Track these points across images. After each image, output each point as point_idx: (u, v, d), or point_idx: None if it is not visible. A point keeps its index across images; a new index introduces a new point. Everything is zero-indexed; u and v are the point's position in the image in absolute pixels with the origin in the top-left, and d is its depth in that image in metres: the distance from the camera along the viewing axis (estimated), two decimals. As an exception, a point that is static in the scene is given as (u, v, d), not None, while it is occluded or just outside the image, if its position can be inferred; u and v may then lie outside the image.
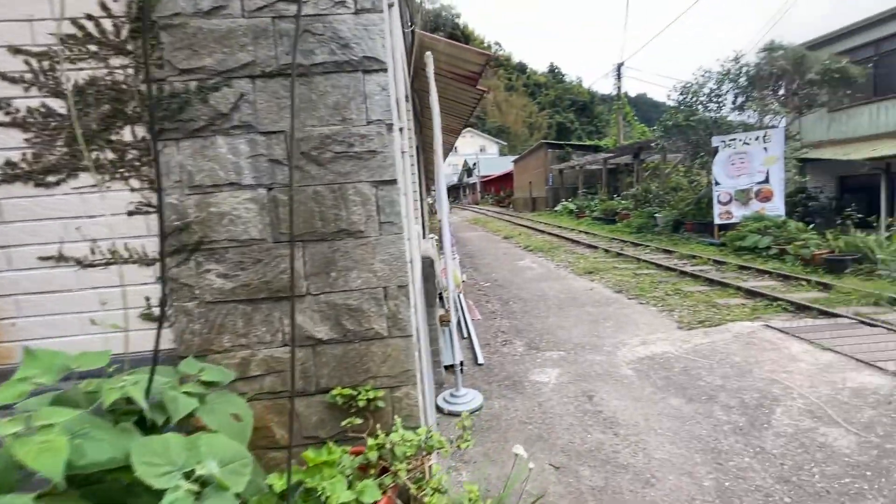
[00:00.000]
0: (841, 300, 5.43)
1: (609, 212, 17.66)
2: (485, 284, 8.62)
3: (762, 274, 7.29)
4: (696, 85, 11.70)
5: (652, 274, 8.09)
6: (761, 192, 10.07)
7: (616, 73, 23.24)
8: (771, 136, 9.87)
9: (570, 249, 12.07)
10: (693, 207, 12.13)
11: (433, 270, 4.03)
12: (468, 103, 6.63)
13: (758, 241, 8.76)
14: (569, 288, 7.76)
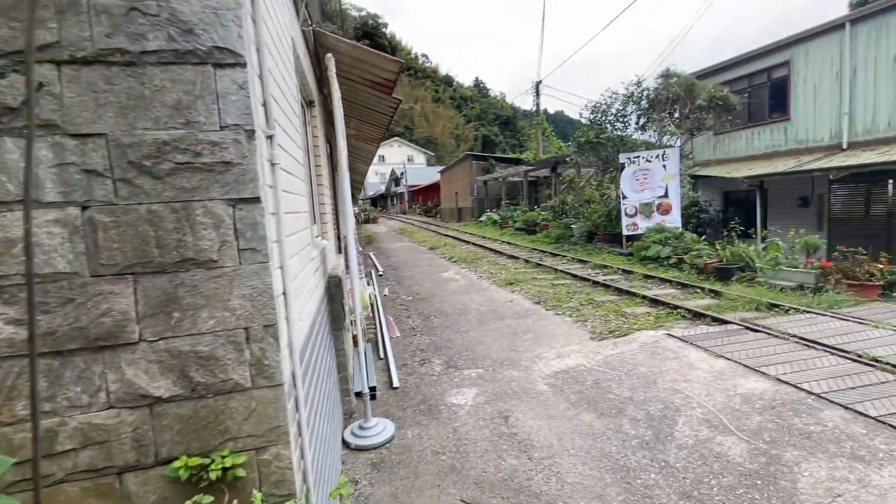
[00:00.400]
0: (729, 306, 5.95)
1: (530, 223, 18.33)
2: (406, 298, 8.37)
3: (664, 283, 7.85)
4: (605, 105, 12.55)
5: (568, 284, 8.38)
6: (662, 205, 10.96)
7: (535, 90, 24.41)
8: (668, 155, 10.81)
9: (493, 260, 12.24)
10: (604, 219, 12.93)
11: (340, 290, 3.70)
12: (385, 112, 6.39)
13: (660, 252, 9.47)
14: (490, 300, 7.77)
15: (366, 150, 10.59)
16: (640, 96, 12.08)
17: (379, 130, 7.82)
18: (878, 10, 12.38)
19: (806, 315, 5.19)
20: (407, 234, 24.07)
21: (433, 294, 8.59)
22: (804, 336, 4.40)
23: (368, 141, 9.14)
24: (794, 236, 7.29)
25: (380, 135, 8.19)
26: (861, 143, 13.05)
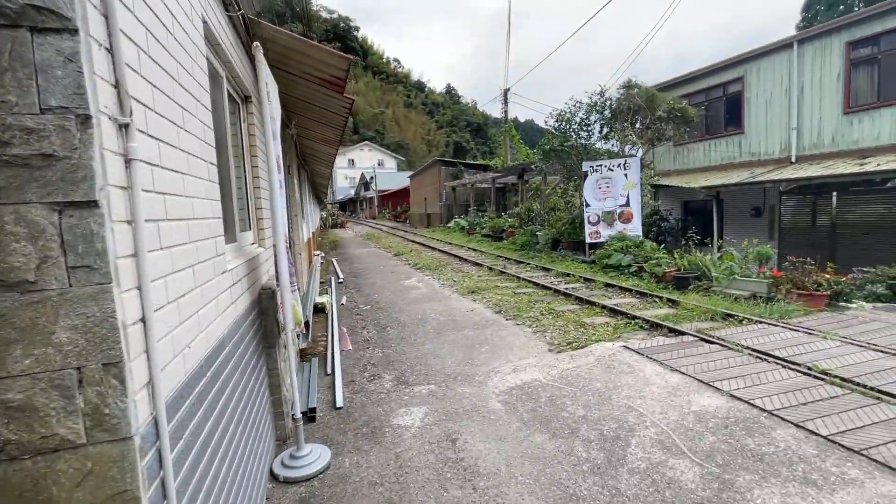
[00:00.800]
0: (686, 316, 5.94)
1: (497, 229, 18.30)
2: (364, 308, 8.02)
3: (624, 291, 7.84)
4: (569, 113, 12.63)
5: (530, 293, 8.25)
6: (623, 214, 11.07)
7: (503, 98, 24.55)
8: (630, 164, 10.95)
9: (458, 267, 12.04)
10: (568, 227, 12.98)
11: (273, 303, 3.36)
12: (339, 112, 6.07)
13: (621, 260, 9.51)
14: (450, 309, 7.53)
15: (325, 153, 10.19)
16: (604, 106, 12.23)
17: (335, 132, 7.48)
18: (823, 31, 13.04)
19: (759, 326, 5.21)
20: (374, 239, 23.61)
21: (392, 303, 8.27)
22: (757, 348, 4.37)
23: (326, 143, 8.77)
24: (748, 246, 7.43)
25: (336, 136, 7.85)
26: (808, 156, 13.67)
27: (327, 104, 5.86)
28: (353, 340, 6.11)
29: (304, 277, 7.81)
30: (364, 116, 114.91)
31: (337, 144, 8.71)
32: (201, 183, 2.06)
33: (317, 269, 12.52)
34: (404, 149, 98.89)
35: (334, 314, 7.31)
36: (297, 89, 5.52)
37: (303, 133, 8.50)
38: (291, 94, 5.83)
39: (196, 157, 2.01)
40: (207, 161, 2.23)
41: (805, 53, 13.70)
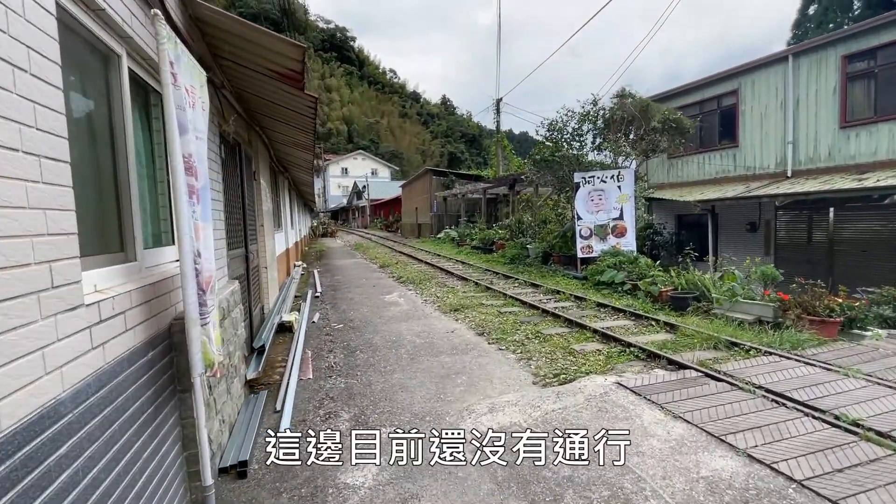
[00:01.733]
0: (686, 344, 5.35)
1: (487, 241, 17.73)
2: (336, 327, 7.35)
3: (617, 312, 7.25)
4: (561, 122, 12.17)
5: (516, 312, 7.63)
6: (617, 227, 10.55)
7: (495, 108, 24.19)
8: (623, 176, 10.46)
9: (443, 281, 11.41)
10: (560, 240, 12.44)
11: (185, 338, 2.71)
12: (304, 112, 5.48)
13: (614, 277, 8.95)
14: (430, 330, 6.89)
15: (302, 159, 9.60)
16: (596, 115, 11.78)
17: (306, 135, 6.89)
18: (819, 44, 12.76)
19: (769, 358, 4.62)
20: (361, 249, 22.95)
21: (368, 321, 7.62)
22: (771, 388, 3.78)
23: (300, 147, 8.18)
24: (750, 265, 6.90)
25: (309, 140, 7.26)
26: (804, 171, 13.30)
27: (291, 103, 5.27)
28: (316, 367, 5.45)
29: (268, 295, 7.14)
30: (359, 125, 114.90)
31: (312, 149, 8.12)
32: (33, 189, 1.44)
33: (294, 281, 11.84)
34: (399, 158, 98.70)
35: (301, 334, 6.65)
36: (253, 85, 4.93)
37: (274, 137, 7.91)
38: (249, 91, 5.24)
39: (14, 151, 1.39)
40: (52, 158, 1.61)
41: (800, 67, 13.40)
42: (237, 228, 5.30)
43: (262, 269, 6.94)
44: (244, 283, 5.53)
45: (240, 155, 5.61)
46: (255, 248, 6.69)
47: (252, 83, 4.91)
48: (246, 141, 6.35)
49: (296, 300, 9.79)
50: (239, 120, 5.70)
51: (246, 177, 6.13)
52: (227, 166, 4.98)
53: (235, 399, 3.93)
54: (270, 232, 8.21)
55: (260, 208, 6.98)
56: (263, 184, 7.63)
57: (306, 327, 7.35)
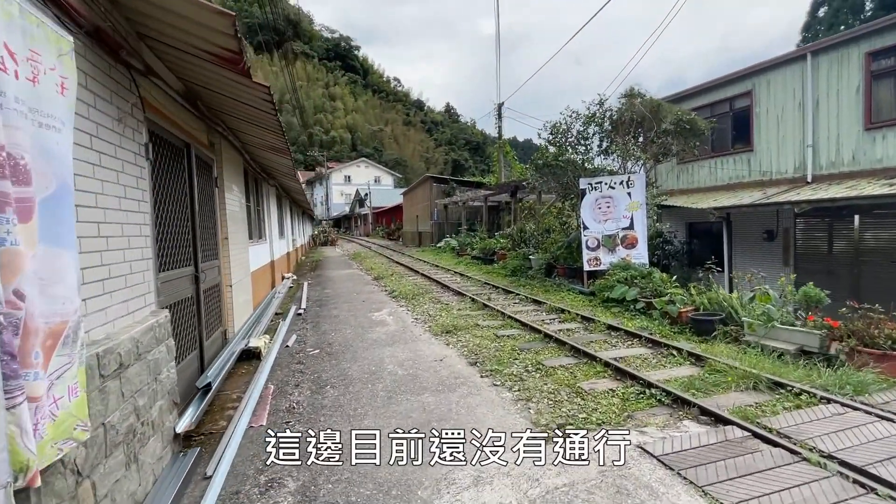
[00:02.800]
0: (717, 382, 4.42)
1: (487, 251, 16.87)
2: (311, 353, 6.49)
3: (631, 337, 6.32)
4: (565, 125, 11.34)
5: (515, 336, 6.73)
6: (627, 238, 9.65)
7: (497, 112, 23.45)
8: (634, 182, 9.58)
9: (438, 296, 10.54)
10: (564, 251, 11.55)
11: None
12: (262, 108, 4.68)
13: (625, 293, 8.04)
14: (416, 357, 6.02)
15: (282, 164, 8.81)
16: (603, 117, 10.94)
17: (276, 136, 6.09)
18: (840, 41, 11.89)
19: (830, 408, 3.67)
20: (359, 259, 22.14)
21: (348, 345, 6.76)
22: (848, 460, 2.81)
23: (275, 151, 7.38)
24: (786, 283, 5.98)
25: (281, 142, 6.46)
26: (825, 176, 12.36)
27: (244, 96, 4.47)
28: (274, 408, 4.58)
29: (232, 317, 6.29)
30: (363, 133, 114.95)
31: (287, 153, 7.32)
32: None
33: (278, 296, 11.01)
34: (402, 166, 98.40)
35: (268, 364, 5.80)
36: (196, 73, 4.13)
37: (246, 140, 7.13)
38: (197, 83, 4.45)
39: None
40: None
41: (820, 65, 12.51)
42: (181, 244, 4.48)
43: (224, 287, 6.11)
44: (191, 308, 4.69)
45: (189, 158, 4.80)
46: (217, 265, 5.87)
47: (194, 71, 4.12)
48: (204, 143, 5.56)
49: (276, 318, 8.96)
50: (189, 117, 4.91)
51: (202, 183, 5.32)
52: (166, 171, 4.17)
53: (149, 466, 3.07)
54: (242, 244, 7.41)
55: (223, 219, 6.17)
56: (232, 191, 6.83)
57: (278, 353, 6.50)
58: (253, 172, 9.32)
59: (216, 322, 5.73)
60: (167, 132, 4.22)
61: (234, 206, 6.87)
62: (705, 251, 15.08)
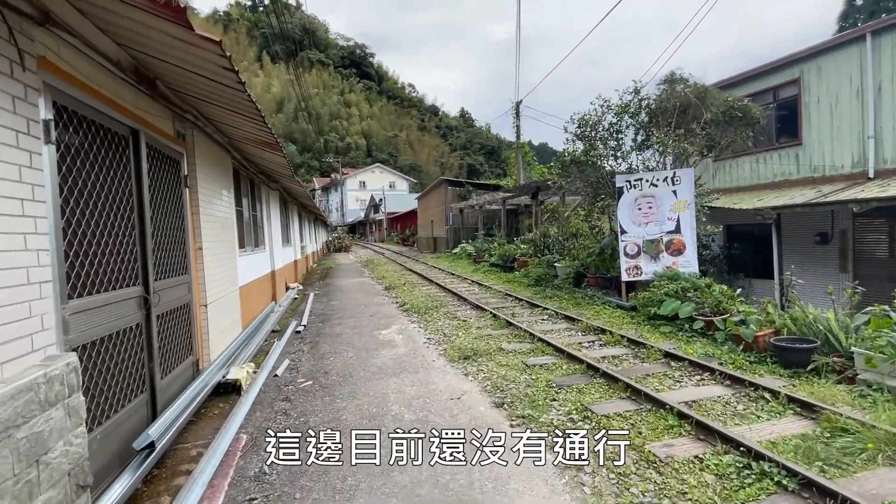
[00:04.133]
0: (850, 450, 3.12)
1: (507, 258, 15.63)
2: (302, 385, 5.39)
3: (699, 370, 5.03)
4: (595, 116, 10.09)
5: (550, 366, 5.50)
6: (672, 243, 8.33)
7: (515, 111, 22.27)
8: (680, 178, 8.27)
9: (453, 311, 9.37)
10: (596, 258, 10.26)
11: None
12: (225, 81, 3.61)
13: (678, 309, 6.74)
14: (427, 394, 4.86)
15: (275, 163, 7.79)
16: (639, 107, 9.66)
17: (256, 124, 5.04)
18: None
19: None
20: (371, 266, 21.14)
21: (348, 374, 5.65)
22: None
23: (264, 146, 6.36)
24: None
25: (266, 132, 5.42)
26: (891, 170, 10.80)
27: (197, 61, 3.40)
28: (239, 474, 3.47)
29: (207, 344, 5.21)
30: (377, 139, 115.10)
31: (277, 148, 6.29)
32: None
33: (279, 309, 10.00)
34: (417, 171, 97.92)
35: (247, 402, 4.72)
36: (136, 35, 3.11)
37: (231, 133, 6.13)
38: (147, 52, 3.42)
39: None
40: None
41: (882, 46, 10.98)
42: (119, 259, 3.42)
43: (196, 308, 5.07)
44: (136, 341, 3.63)
45: (136, 149, 3.76)
46: (186, 281, 4.83)
47: (129, 31, 3.08)
48: (167, 133, 4.54)
49: (271, 336, 7.93)
50: (138, 98, 3.88)
51: (161, 182, 4.29)
52: (92, 162, 3.12)
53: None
54: (227, 255, 6.38)
55: (196, 225, 5.14)
56: (214, 193, 5.82)
57: (263, 384, 5.43)
58: (247, 174, 8.34)
59: (183, 352, 4.67)
60: (96, 112, 3.18)
61: (217, 211, 5.85)
62: (746, 256, 13.60)
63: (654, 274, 8.15)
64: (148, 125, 4.02)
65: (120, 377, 3.36)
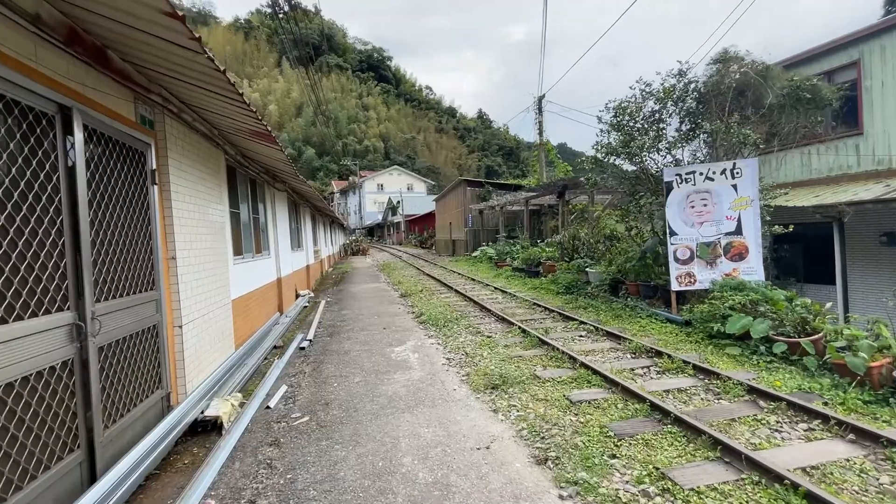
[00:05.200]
0: None
1: (531, 262, 14.50)
2: (297, 421, 4.46)
3: (802, 414, 3.87)
4: (635, 103, 8.93)
5: (601, 404, 4.40)
6: (732, 246, 7.12)
7: (537, 107, 21.13)
8: (741, 170, 7.06)
9: (476, 323, 8.34)
10: (637, 264, 9.07)
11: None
12: (176, 41, 2.70)
13: (749, 326, 5.55)
14: (448, 439, 3.86)
15: (274, 158, 6.94)
16: (685, 91, 8.46)
17: (239, 109, 4.14)
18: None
19: None
20: (388, 270, 20.29)
21: (352, 408, 4.69)
22: None
23: (257, 137, 5.49)
24: None
25: (255, 120, 4.53)
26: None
27: (134, 9, 2.50)
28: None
29: (182, 373, 4.31)
30: (395, 142, 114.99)
31: (272, 140, 5.40)
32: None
33: (285, 320, 9.16)
34: (435, 173, 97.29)
35: (227, 445, 3.80)
36: None
37: (217, 122, 5.28)
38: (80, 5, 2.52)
39: None
40: None
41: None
42: (35, 277, 2.54)
43: (168, 330, 4.19)
44: (59, 385, 2.74)
45: (65, 131, 2.88)
46: (153, 298, 3.95)
47: None
48: (124, 118, 3.67)
49: (272, 354, 7.07)
50: (69, 65, 3.01)
51: (114, 177, 3.41)
52: None
53: None
54: (217, 263, 5.52)
55: (168, 231, 4.26)
56: (185, 192, 4.95)
57: (252, 419, 4.52)
58: (246, 173, 7.52)
59: (146, 386, 3.79)
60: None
61: (201, 213, 4.99)
62: (797, 259, 12.18)
63: (712, 283, 6.95)
64: (89, 103, 3.14)
65: (35, 437, 2.46)
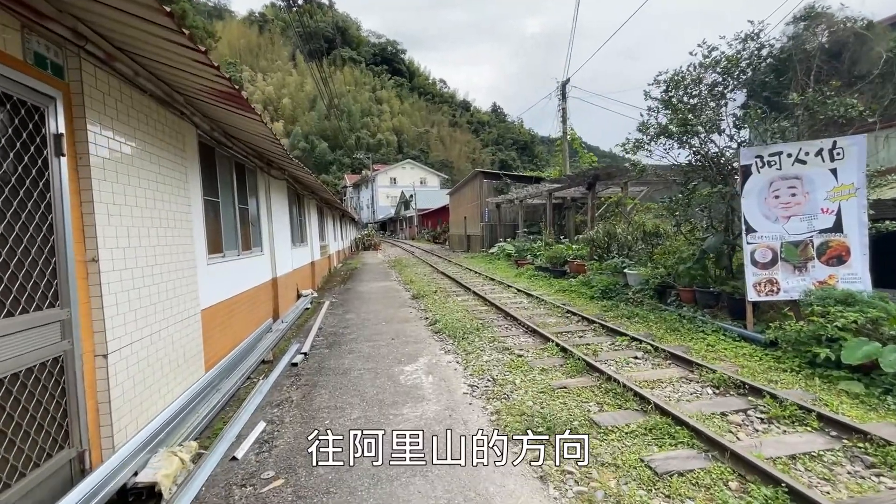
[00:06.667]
0: None
1: (557, 261, 13.09)
2: (269, 484, 3.20)
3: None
4: (693, 74, 7.44)
5: (701, 478, 3.03)
6: (829, 246, 5.66)
7: (560, 92, 19.58)
8: (843, 150, 5.58)
9: (501, 336, 7.01)
10: (693, 266, 7.62)
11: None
12: None
13: (878, 355, 4.13)
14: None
15: (252, 129, 5.69)
16: (759, 59, 6.95)
17: (189, 52, 2.87)
18: None
19: None
20: (399, 267, 19.07)
21: (346, 464, 3.41)
22: None
23: (220, 99, 4.23)
24: None
25: (209, 71, 3.26)
26: None
27: None
28: None
29: (106, 424, 3.09)
30: (409, 136, 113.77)
31: (247, 106, 4.13)
32: None
33: (281, 327, 7.97)
34: (449, 167, 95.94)
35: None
36: None
37: (175, 81, 4.03)
38: None
39: None
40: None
41: None
42: None
43: (86, 360, 2.96)
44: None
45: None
46: (59, 317, 2.73)
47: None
48: (7, 56, 2.43)
49: (259, 370, 5.88)
50: None
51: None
52: None
53: None
54: (173, 266, 4.28)
55: (87, 223, 3.03)
56: (119, 169, 3.72)
57: (206, 482, 3.28)
58: (230, 154, 6.30)
59: (43, 447, 2.57)
60: None
61: (149, 197, 3.76)
62: (888, 263, 10.56)
63: (803, 292, 5.51)
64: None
65: None
